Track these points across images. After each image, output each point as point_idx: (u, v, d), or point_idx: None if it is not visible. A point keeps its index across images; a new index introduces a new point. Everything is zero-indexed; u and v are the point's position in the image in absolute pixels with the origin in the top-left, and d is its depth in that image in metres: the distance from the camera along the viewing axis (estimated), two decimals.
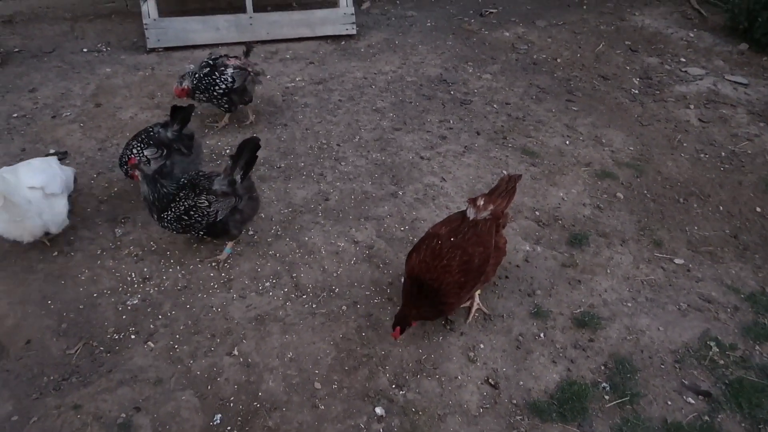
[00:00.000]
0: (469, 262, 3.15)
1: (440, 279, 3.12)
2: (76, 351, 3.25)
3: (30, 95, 5.49)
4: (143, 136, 4.00)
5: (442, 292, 3.13)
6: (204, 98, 4.85)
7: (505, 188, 3.43)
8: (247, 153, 3.56)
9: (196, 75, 4.78)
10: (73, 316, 3.44)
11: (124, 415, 2.94)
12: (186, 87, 4.79)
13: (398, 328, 3.18)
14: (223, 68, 4.81)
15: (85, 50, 6.36)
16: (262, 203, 4.25)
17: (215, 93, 4.80)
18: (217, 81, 4.77)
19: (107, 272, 3.71)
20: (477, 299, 3.57)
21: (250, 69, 4.91)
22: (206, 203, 3.56)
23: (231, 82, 4.79)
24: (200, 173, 3.75)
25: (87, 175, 4.50)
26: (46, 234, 3.67)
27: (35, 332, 3.34)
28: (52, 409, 2.94)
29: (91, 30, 6.76)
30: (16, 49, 6.31)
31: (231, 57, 4.93)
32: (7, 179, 3.37)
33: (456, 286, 3.14)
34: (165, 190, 3.55)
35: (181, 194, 3.59)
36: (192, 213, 3.56)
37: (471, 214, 3.28)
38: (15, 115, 5.14)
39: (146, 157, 3.90)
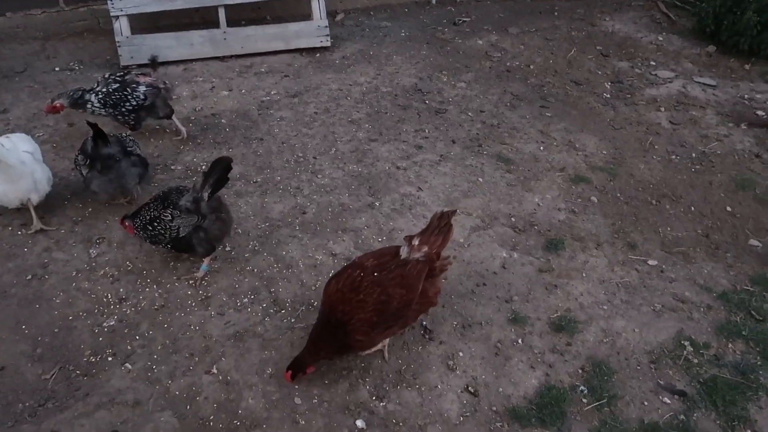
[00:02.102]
0: (386, 303, 2.95)
1: (351, 313, 2.95)
2: (51, 376, 3.22)
3: (1, 116, 5.43)
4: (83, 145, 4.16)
5: (350, 327, 2.96)
6: (106, 113, 4.75)
7: (437, 225, 3.15)
8: (217, 172, 3.54)
9: (103, 90, 4.70)
10: (48, 340, 3.41)
11: None
12: (58, 105, 4.68)
13: (289, 374, 3.05)
14: (134, 85, 4.75)
15: (57, 69, 6.31)
16: (238, 219, 4.26)
17: (123, 110, 4.73)
18: (129, 98, 4.70)
19: (83, 294, 3.68)
20: (386, 341, 3.35)
21: (161, 86, 4.87)
22: (169, 217, 3.56)
23: (143, 99, 4.73)
24: (180, 187, 3.76)
25: (61, 196, 4.45)
26: (29, 200, 4.01)
27: (9, 358, 3.29)
28: None
29: (63, 49, 6.71)
30: None
31: (140, 74, 4.90)
32: (5, 143, 3.81)
33: (367, 324, 2.96)
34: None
35: (151, 203, 3.64)
36: (156, 224, 3.58)
37: (404, 252, 3.08)
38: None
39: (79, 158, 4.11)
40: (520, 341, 3.54)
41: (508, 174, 4.94)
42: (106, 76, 4.84)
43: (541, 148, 5.31)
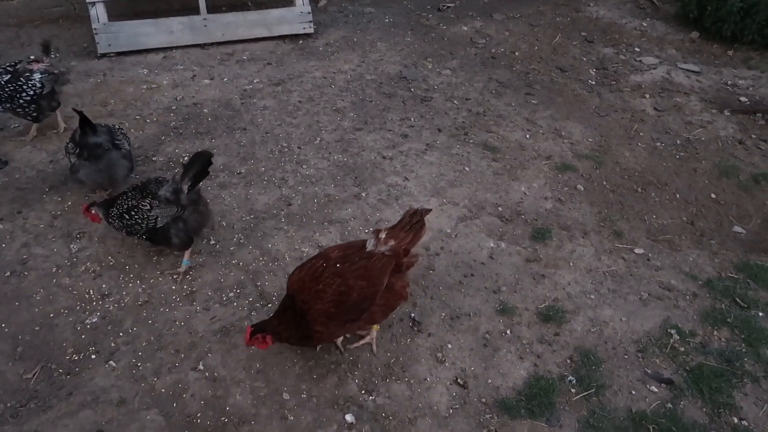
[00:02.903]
0: (345, 294, 2.90)
1: (310, 303, 2.91)
2: (33, 375, 3.15)
3: None
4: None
5: (309, 317, 2.91)
6: (6, 108, 4.50)
7: (409, 222, 3.08)
8: (197, 165, 3.50)
9: None
10: (29, 338, 3.33)
11: None
12: None
13: (250, 329, 2.96)
14: (27, 73, 4.52)
15: (32, 57, 6.12)
16: (222, 211, 4.20)
17: (21, 101, 4.48)
18: (24, 88, 4.46)
19: (64, 291, 3.60)
20: (373, 334, 3.35)
21: (56, 70, 4.68)
22: (147, 207, 3.51)
23: (40, 87, 4.50)
24: (158, 177, 3.71)
25: (39, 189, 4.34)
26: None
27: None
28: None
29: (37, 36, 6.51)
30: None
31: (31, 60, 4.66)
32: None
33: (324, 315, 2.91)
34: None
35: (129, 193, 3.59)
36: (133, 213, 3.52)
37: (370, 245, 3.02)
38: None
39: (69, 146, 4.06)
40: (508, 332, 3.54)
41: (495, 163, 4.92)
42: None
43: (527, 136, 5.29)
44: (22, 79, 4.50)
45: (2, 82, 4.45)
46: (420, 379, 3.25)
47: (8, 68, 4.54)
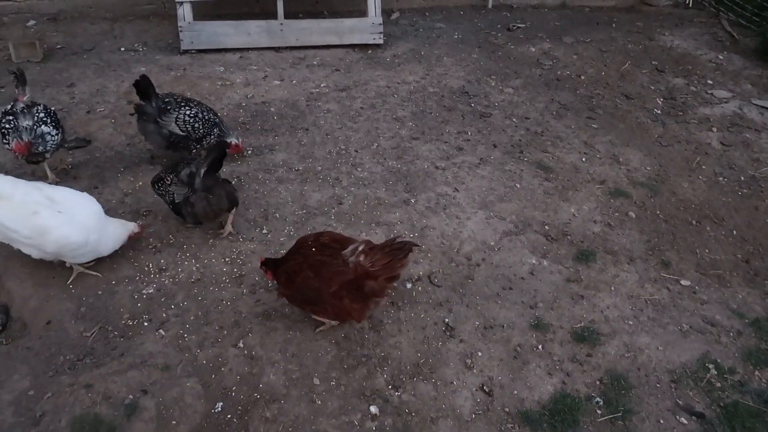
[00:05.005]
0: (294, 274, 3.24)
1: (283, 263, 3.36)
2: (92, 334, 3.44)
3: (68, 90, 5.78)
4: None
5: (279, 273, 3.36)
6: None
7: (389, 247, 3.11)
8: (212, 155, 3.79)
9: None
10: (91, 300, 3.63)
11: (131, 396, 3.10)
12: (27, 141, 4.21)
13: (263, 259, 3.45)
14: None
15: (122, 49, 6.65)
16: (277, 203, 4.42)
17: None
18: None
19: (127, 261, 3.90)
20: (333, 323, 3.48)
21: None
22: (168, 182, 3.91)
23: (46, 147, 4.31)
24: (190, 159, 4.05)
25: (115, 168, 4.72)
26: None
27: (56, 314, 3.54)
28: (65, 387, 3.12)
29: (129, 30, 7.05)
30: (59, 46, 6.63)
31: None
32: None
33: (284, 278, 3.32)
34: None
35: (168, 167, 4.02)
36: (159, 185, 3.95)
37: (348, 250, 3.14)
38: (53, 108, 5.40)
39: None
40: (540, 347, 3.56)
41: (547, 182, 4.93)
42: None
43: (583, 159, 5.28)
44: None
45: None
46: (447, 382, 3.33)
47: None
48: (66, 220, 3.52)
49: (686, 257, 4.38)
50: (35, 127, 4.21)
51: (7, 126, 4.19)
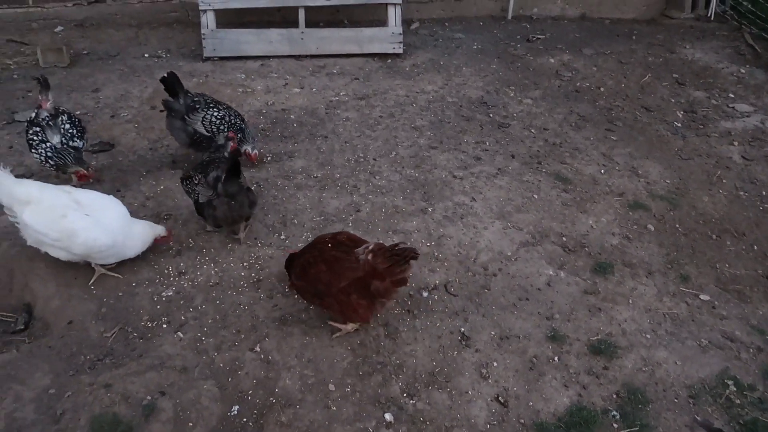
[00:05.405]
0: (309, 265, 3.37)
1: (299, 255, 3.50)
2: (112, 335, 3.49)
3: (93, 95, 5.90)
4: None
5: (293, 265, 3.51)
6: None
7: (391, 252, 3.18)
8: (227, 163, 3.85)
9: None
10: (112, 302, 3.69)
11: (149, 397, 3.14)
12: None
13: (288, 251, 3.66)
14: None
15: (146, 55, 6.77)
16: (295, 210, 4.46)
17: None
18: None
19: (147, 264, 3.96)
20: (348, 328, 3.52)
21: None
22: (196, 181, 3.95)
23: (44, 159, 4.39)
24: (220, 160, 4.06)
25: (137, 172, 4.80)
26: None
27: (77, 314, 3.60)
28: (85, 386, 3.16)
29: (153, 37, 7.19)
30: (85, 52, 6.77)
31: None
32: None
33: (299, 270, 3.44)
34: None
35: (198, 164, 4.07)
36: (187, 182, 4.01)
37: (360, 249, 3.26)
38: (78, 112, 5.52)
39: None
40: (556, 359, 3.55)
41: (565, 193, 4.92)
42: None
43: (602, 171, 5.26)
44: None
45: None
46: (462, 392, 3.33)
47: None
48: (93, 222, 3.60)
49: (706, 272, 4.34)
50: (63, 142, 4.35)
51: (35, 138, 4.30)
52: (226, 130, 4.60)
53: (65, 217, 3.55)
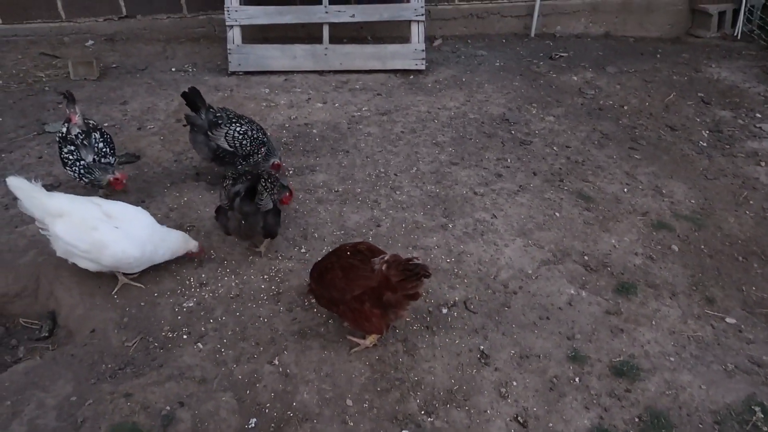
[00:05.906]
0: (326, 270, 3.43)
1: (319, 261, 3.60)
2: (133, 344, 3.53)
3: (121, 107, 6.02)
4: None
5: (312, 270, 3.60)
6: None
7: (404, 265, 3.17)
8: (246, 183, 3.86)
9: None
10: (134, 311, 3.73)
11: (168, 407, 3.15)
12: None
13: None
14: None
15: (173, 69, 6.91)
16: (316, 223, 4.49)
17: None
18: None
19: (169, 275, 4.00)
20: (367, 342, 3.54)
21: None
22: (224, 184, 3.99)
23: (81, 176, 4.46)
24: (257, 173, 4.07)
25: (161, 184, 4.88)
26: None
27: (99, 323, 3.64)
28: (106, 395, 3.20)
29: (180, 51, 7.33)
30: (114, 65, 6.93)
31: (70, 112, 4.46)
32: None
33: (316, 273, 3.52)
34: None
35: (236, 174, 4.07)
36: (223, 180, 4.04)
37: (377, 259, 3.28)
38: (106, 124, 5.64)
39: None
40: (577, 380, 3.49)
41: (587, 212, 4.88)
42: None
43: (625, 189, 5.20)
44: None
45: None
46: (480, 410, 3.29)
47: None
48: (123, 235, 3.66)
49: (732, 294, 4.25)
50: (96, 160, 4.41)
51: (70, 157, 4.37)
52: (249, 145, 4.65)
53: (96, 230, 3.61)
